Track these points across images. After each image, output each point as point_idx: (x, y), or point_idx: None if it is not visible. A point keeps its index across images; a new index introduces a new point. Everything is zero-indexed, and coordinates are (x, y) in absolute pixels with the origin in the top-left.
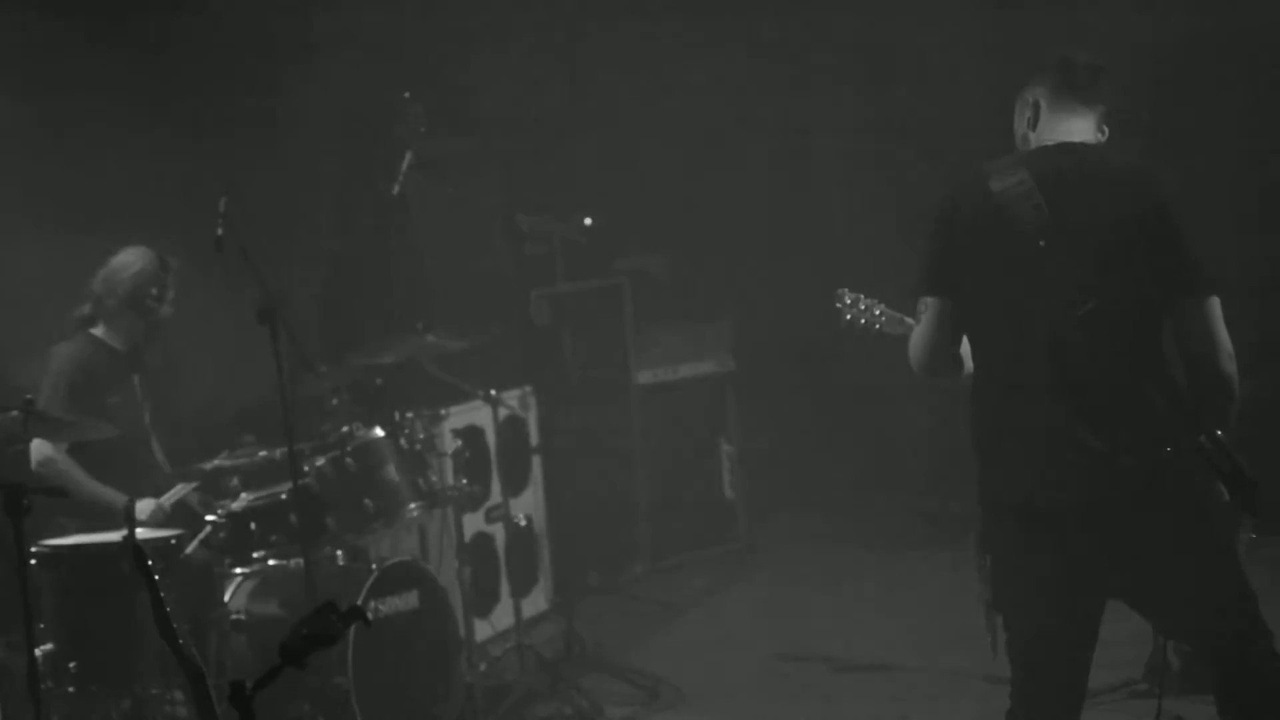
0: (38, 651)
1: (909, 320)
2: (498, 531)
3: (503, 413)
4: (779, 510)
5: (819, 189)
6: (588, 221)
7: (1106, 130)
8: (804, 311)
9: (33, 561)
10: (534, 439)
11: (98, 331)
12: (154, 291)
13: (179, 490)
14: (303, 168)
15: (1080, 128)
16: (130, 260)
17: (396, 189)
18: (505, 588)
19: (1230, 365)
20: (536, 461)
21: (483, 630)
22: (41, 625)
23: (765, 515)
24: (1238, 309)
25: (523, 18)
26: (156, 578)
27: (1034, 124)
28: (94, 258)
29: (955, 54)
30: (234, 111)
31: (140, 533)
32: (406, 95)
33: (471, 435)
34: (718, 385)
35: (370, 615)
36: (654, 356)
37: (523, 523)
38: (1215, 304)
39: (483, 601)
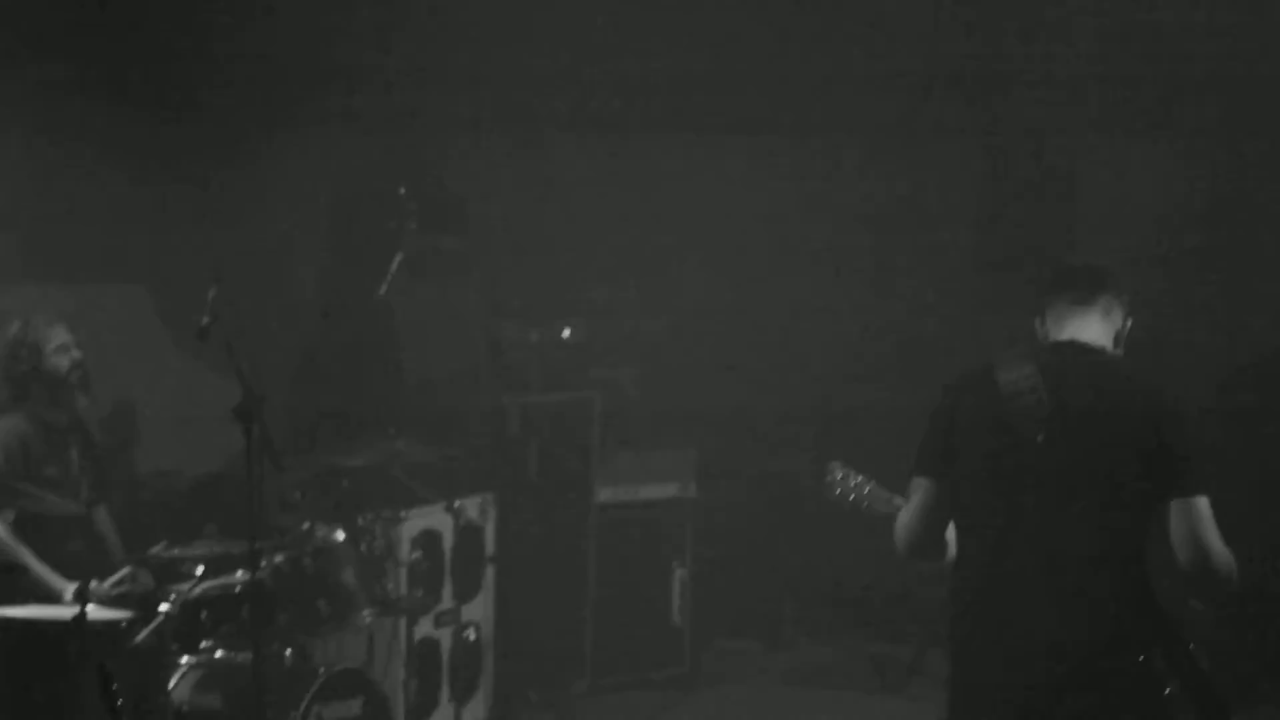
0: None
1: (898, 500)
2: (444, 637)
3: (462, 519)
4: (727, 640)
5: (796, 322)
6: (566, 333)
7: (1122, 320)
8: (770, 444)
9: None
10: (490, 548)
11: (30, 404)
12: (23, 354)
13: (123, 574)
14: (291, 251)
15: (1085, 325)
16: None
17: (383, 290)
18: (446, 693)
19: (1223, 566)
20: (490, 570)
21: None
22: None
23: (712, 644)
24: None
25: (516, 125)
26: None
27: (1044, 326)
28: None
29: (949, 207)
30: (229, 185)
31: (92, 611)
32: (402, 191)
33: (429, 539)
34: (678, 510)
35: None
36: (618, 475)
37: (471, 636)
38: (1202, 504)
39: (422, 705)
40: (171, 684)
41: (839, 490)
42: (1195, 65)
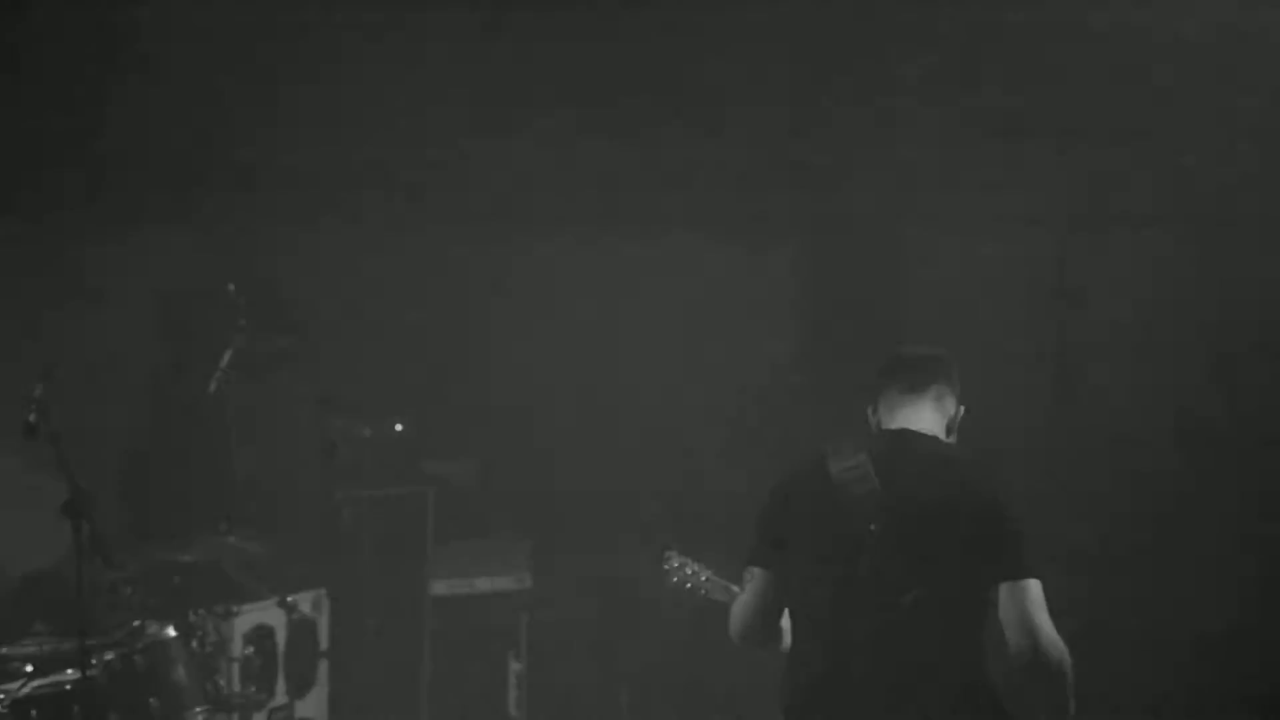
0: None
1: (734, 589)
2: None
3: (295, 614)
4: None
5: (631, 412)
6: (399, 427)
7: (955, 408)
8: (605, 533)
9: None
10: (323, 642)
11: None
12: None
13: None
14: (118, 347)
15: (917, 414)
16: None
17: (213, 386)
18: None
19: (1052, 650)
20: (324, 665)
21: None
22: None
23: None
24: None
25: (349, 221)
26: None
27: (876, 415)
28: None
29: (779, 296)
30: (57, 280)
31: None
32: (230, 288)
33: (261, 634)
34: (513, 601)
35: None
36: (452, 567)
37: None
38: (1033, 587)
39: None
40: None
41: (676, 578)
42: (1027, 152)
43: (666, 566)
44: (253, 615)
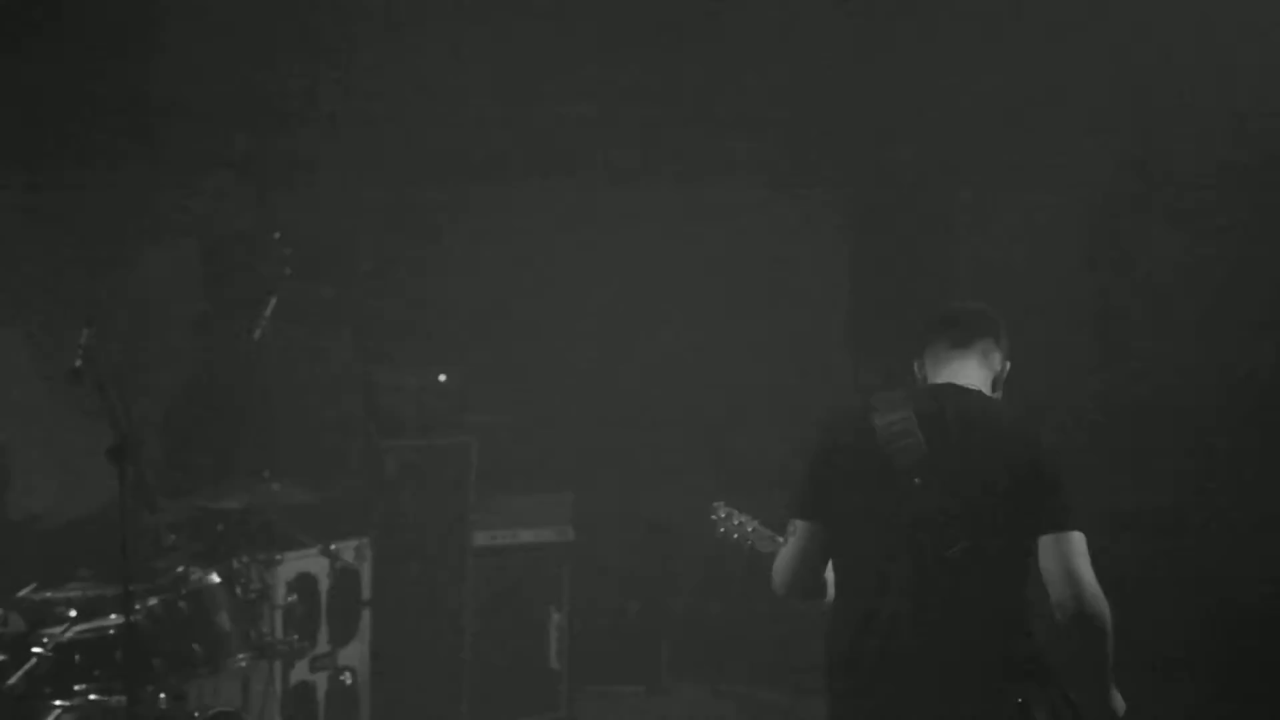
0: None
1: (780, 540)
2: (321, 680)
3: (338, 563)
4: (604, 685)
5: (673, 365)
6: (442, 377)
7: (1000, 364)
8: (647, 486)
9: None
10: (366, 591)
11: None
12: None
13: None
14: (163, 294)
15: (963, 369)
16: None
17: (258, 334)
18: None
19: (1094, 602)
20: (366, 613)
21: None
22: None
23: (590, 688)
24: None
25: (395, 173)
26: None
27: (922, 369)
28: None
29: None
30: (102, 227)
31: None
32: (276, 235)
33: (304, 582)
34: (555, 554)
35: None
36: (494, 518)
37: (348, 680)
38: (1076, 539)
39: None
40: None
41: (722, 530)
42: (1071, 117)
43: (714, 517)
44: (296, 563)
